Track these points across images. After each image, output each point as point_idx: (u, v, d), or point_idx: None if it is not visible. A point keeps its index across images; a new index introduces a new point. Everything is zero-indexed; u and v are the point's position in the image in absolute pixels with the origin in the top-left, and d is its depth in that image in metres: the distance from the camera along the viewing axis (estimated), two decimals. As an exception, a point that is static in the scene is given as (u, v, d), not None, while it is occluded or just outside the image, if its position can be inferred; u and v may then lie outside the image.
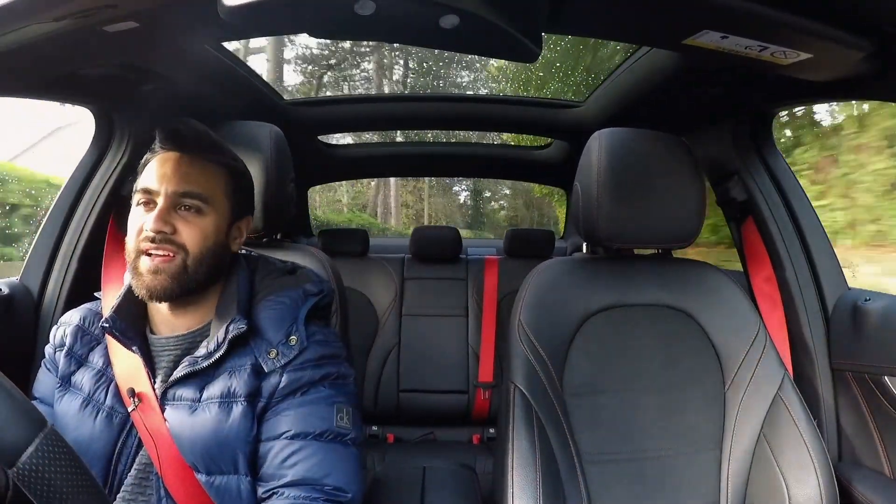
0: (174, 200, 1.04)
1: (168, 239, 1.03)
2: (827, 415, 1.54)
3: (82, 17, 0.86)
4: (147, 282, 1.02)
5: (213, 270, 1.10)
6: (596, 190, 1.35)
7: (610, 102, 2.08)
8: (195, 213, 1.06)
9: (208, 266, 1.08)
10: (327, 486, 0.98)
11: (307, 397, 1.05)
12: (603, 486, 1.25)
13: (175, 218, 1.04)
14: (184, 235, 1.04)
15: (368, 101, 2.58)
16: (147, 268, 1.02)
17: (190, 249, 1.04)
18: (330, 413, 1.05)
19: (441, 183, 21.91)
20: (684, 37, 0.95)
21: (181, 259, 1.04)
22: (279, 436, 1.02)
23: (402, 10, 0.76)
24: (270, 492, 0.99)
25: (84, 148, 1.62)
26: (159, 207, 1.03)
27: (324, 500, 0.97)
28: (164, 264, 1.02)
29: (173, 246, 1.03)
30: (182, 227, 1.04)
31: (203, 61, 1.52)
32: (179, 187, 1.05)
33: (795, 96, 1.49)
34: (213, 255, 1.09)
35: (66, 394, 1.10)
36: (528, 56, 0.90)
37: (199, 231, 1.06)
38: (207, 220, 1.07)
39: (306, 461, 1.00)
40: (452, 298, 2.82)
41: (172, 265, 1.03)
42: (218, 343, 1.05)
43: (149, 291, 1.03)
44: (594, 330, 1.35)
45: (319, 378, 1.07)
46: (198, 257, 1.05)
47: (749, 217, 1.74)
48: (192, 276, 1.05)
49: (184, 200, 1.05)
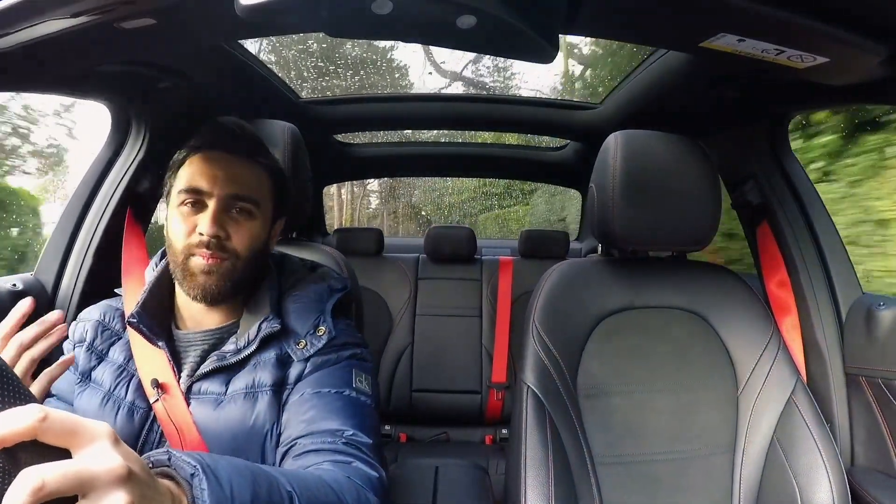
0: (227, 203, 1.05)
1: (222, 245, 1.04)
2: (840, 419, 1.52)
3: (99, 14, 0.87)
4: (201, 282, 1.04)
5: (257, 271, 1.12)
6: (611, 192, 1.34)
7: (626, 104, 2.08)
8: (246, 217, 1.07)
9: (254, 267, 1.10)
10: (346, 430, 0.97)
11: (329, 369, 1.06)
12: (615, 488, 1.25)
13: (227, 221, 1.05)
14: (235, 240, 1.05)
15: (384, 101, 2.58)
16: (200, 269, 1.03)
17: (241, 253, 1.06)
18: (349, 377, 1.06)
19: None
20: (701, 40, 0.95)
21: (232, 262, 1.05)
22: (298, 397, 1.02)
23: (419, 10, 0.76)
24: (288, 445, 0.98)
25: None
26: (214, 210, 1.04)
27: (342, 442, 0.95)
28: (216, 265, 1.03)
29: (226, 252, 1.04)
30: (234, 231, 1.05)
31: (219, 59, 1.53)
32: (234, 190, 1.05)
33: (812, 100, 1.48)
34: (260, 256, 1.11)
35: (87, 389, 1.10)
36: (544, 57, 0.90)
37: (250, 235, 1.07)
38: (257, 223, 1.09)
39: (324, 411, 0.99)
40: (466, 299, 2.82)
41: (224, 267, 1.04)
42: (249, 340, 1.06)
43: (204, 292, 1.04)
44: (608, 332, 1.35)
45: (345, 357, 1.09)
46: (247, 259, 1.07)
47: (764, 220, 1.73)
48: (240, 276, 1.07)
49: (237, 204, 1.06)
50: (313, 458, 0.93)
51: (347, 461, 0.93)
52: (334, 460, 0.92)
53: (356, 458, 0.94)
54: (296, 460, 0.94)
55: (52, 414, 0.47)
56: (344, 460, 0.93)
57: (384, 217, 11.01)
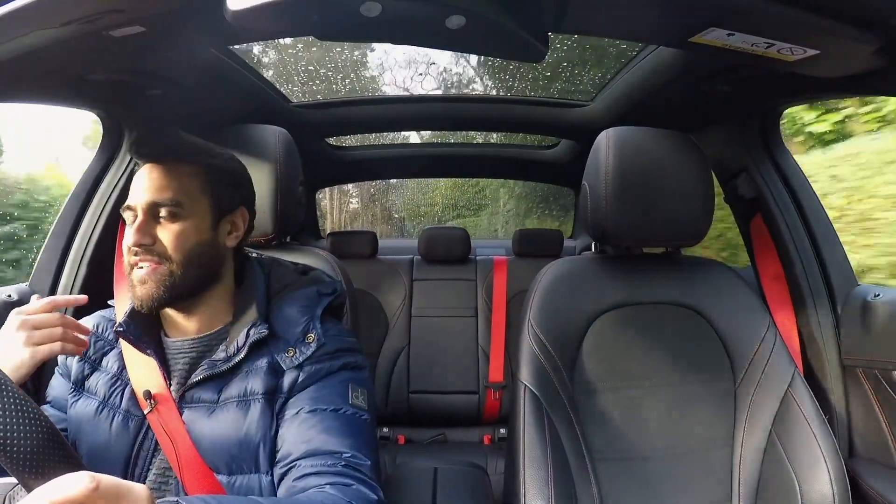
0: (151, 211, 1.05)
1: (149, 250, 1.03)
2: (837, 411, 1.53)
3: (88, 23, 0.86)
4: (137, 292, 1.04)
5: (205, 270, 1.10)
6: (604, 189, 1.34)
7: (617, 101, 2.07)
8: (172, 219, 1.06)
9: (198, 267, 1.08)
10: (345, 453, 0.97)
11: (324, 382, 1.06)
12: (614, 484, 1.25)
13: (154, 227, 1.05)
14: (164, 243, 1.04)
15: (374, 103, 2.57)
16: (138, 279, 1.03)
17: (172, 255, 1.05)
18: (346, 392, 1.06)
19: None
20: (691, 35, 0.95)
21: (166, 267, 1.04)
22: (295, 414, 1.02)
23: (408, 12, 0.76)
24: (288, 466, 0.98)
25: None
26: (137, 221, 1.04)
27: (342, 465, 0.96)
28: (149, 274, 1.03)
29: (155, 256, 1.04)
30: (161, 235, 1.05)
31: (210, 65, 1.52)
32: (152, 197, 1.05)
33: (803, 93, 1.48)
34: (200, 255, 1.08)
35: (80, 398, 1.10)
36: (534, 56, 0.90)
37: (178, 235, 1.06)
38: (186, 223, 1.07)
39: (322, 433, 0.99)
40: (462, 299, 2.82)
41: (157, 273, 1.03)
42: (238, 347, 1.06)
43: (140, 301, 1.04)
44: (604, 329, 1.35)
45: (338, 368, 1.08)
46: (182, 261, 1.05)
47: (758, 214, 1.74)
48: (180, 280, 1.05)
49: (158, 210, 1.05)
50: (314, 479, 0.94)
51: (348, 483, 0.94)
52: (335, 482, 0.93)
53: (356, 479, 0.95)
54: (296, 482, 0.95)
55: (102, 482, 0.54)
56: (345, 482, 0.94)
57: (362, 221, 11.22)
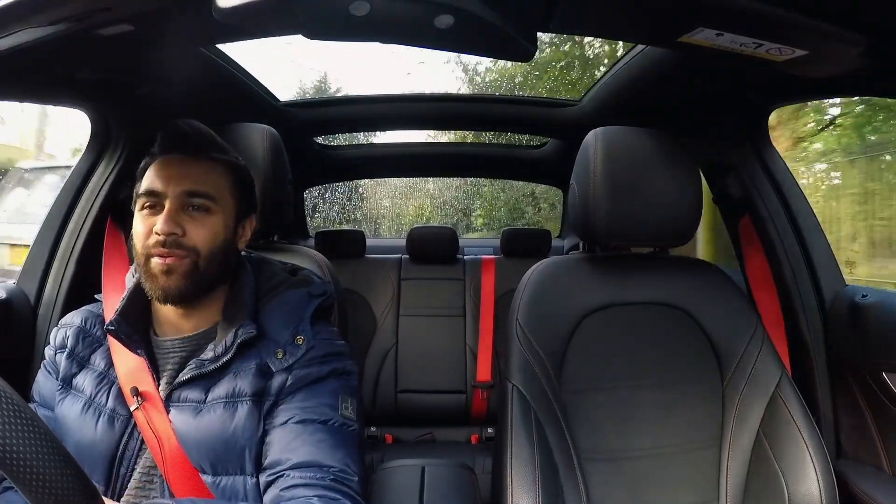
0: (182, 201, 1.04)
1: (178, 242, 1.03)
2: (825, 412, 1.53)
3: (77, 21, 0.86)
4: (162, 283, 1.02)
5: (223, 269, 1.11)
6: (592, 188, 1.35)
7: (606, 101, 2.08)
8: (204, 213, 1.06)
9: (218, 265, 1.08)
10: (333, 467, 0.98)
11: (313, 390, 1.05)
12: (601, 484, 1.25)
13: (183, 219, 1.04)
14: (193, 236, 1.04)
15: (363, 102, 2.57)
16: (160, 269, 1.02)
17: (201, 250, 1.05)
18: (335, 402, 1.05)
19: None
20: (679, 35, 0.95)
21: (192, 260, 1.04)
22: (284, 422, 1.02)
23: (396, 11, 0.76)
24: (276, 475, 0.98)
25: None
26: (168, 208, 1.03)
27: (330, 479, 0.96)
28: (175, 264, 1.02)
29: (183, 249, 1.03)
30: (191, 227, 1.04)
31: (198, 63, 1.51)
32: (187, 187, 1.05)
33: (792, 93, 1.49)
34: (224, 253, 1.09)
35: (68, 396, 1.09)
36: (522, 55, 0.91)
37: (209, 230, 1.06)
38: (216, 218, 1.07)
39: (312, 445, 0.99)
40: (450, 299, 2.81)
41: (184, 265, 1.03)
42: (226, 347, 1.05)
43: (164, 293, 1.03)
44: (592, 328, 1.35)
45: (326, 374, 1.07)
46: (208, 257, 1.06)
47: (746, 214, 1.74)
48: (203, 275, 1.05)
49: (192, 200, 1.05)
50: (302, 491, 0.95)
51: (335, 498, 0.95)
52: (322, 495, 0.94)
53: (343, 494, 0.96)
54: (284, 492, 0.95)
55: None
56: (332, 497, 0.94)
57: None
